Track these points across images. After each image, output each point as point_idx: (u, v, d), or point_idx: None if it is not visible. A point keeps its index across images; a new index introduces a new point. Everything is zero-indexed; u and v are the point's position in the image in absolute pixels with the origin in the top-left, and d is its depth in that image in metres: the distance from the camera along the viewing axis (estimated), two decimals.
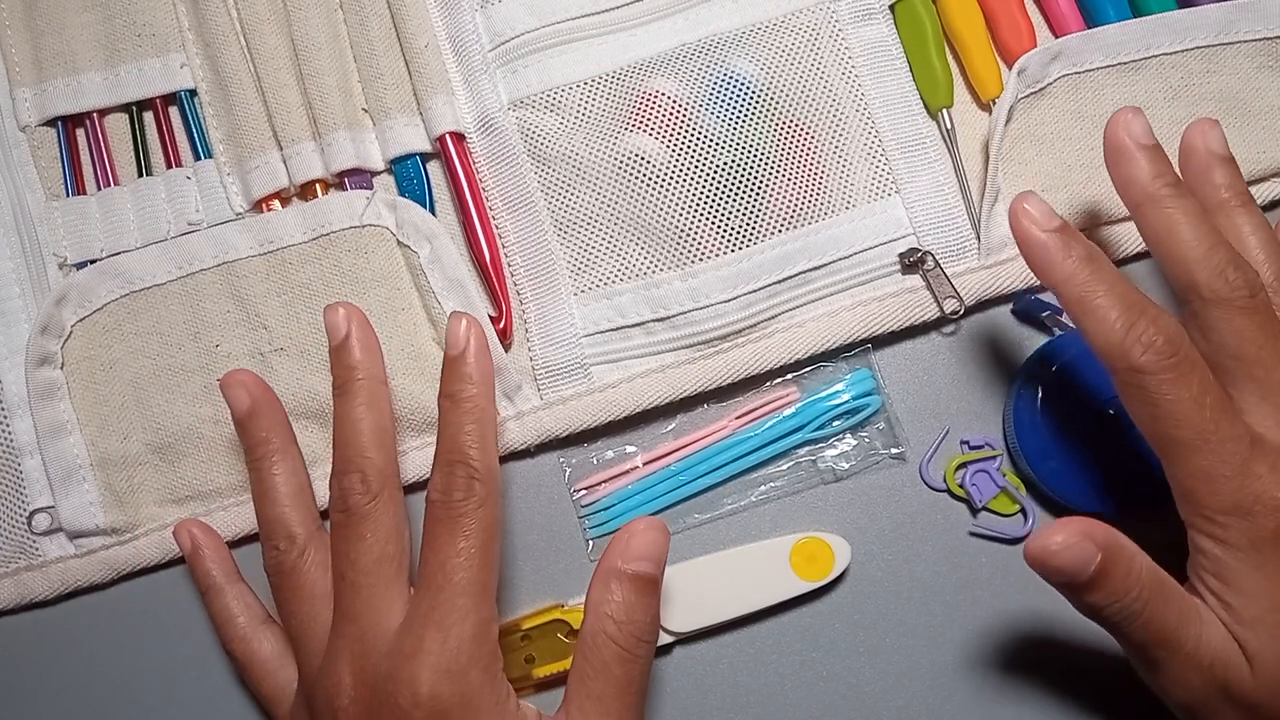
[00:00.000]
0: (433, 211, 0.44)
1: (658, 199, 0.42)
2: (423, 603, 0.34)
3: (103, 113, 0.45)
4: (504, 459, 0.43)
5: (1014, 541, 0.42)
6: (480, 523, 0.34)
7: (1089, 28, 0.44)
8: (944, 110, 0.44)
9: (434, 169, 0.45)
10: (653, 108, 0.43)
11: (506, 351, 0.43)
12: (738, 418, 0.43)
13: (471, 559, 0.34)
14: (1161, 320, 0.33)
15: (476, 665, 0.34)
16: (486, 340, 0.37)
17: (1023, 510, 0.42)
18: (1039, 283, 0.43)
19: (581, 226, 0.43)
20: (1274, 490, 0.32)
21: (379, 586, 0.35)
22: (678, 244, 0.42)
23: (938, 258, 0.42)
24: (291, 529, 0.38)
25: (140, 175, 0.45)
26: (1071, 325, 0.42)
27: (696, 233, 0.42)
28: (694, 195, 0.42)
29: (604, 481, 0.43)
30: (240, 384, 0.39)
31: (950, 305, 0.42)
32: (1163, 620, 0.33)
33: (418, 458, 0.43)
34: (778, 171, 0.42)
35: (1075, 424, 0.40)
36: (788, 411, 0.43)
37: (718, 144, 0.42)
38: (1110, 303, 0.33)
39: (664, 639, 0.41)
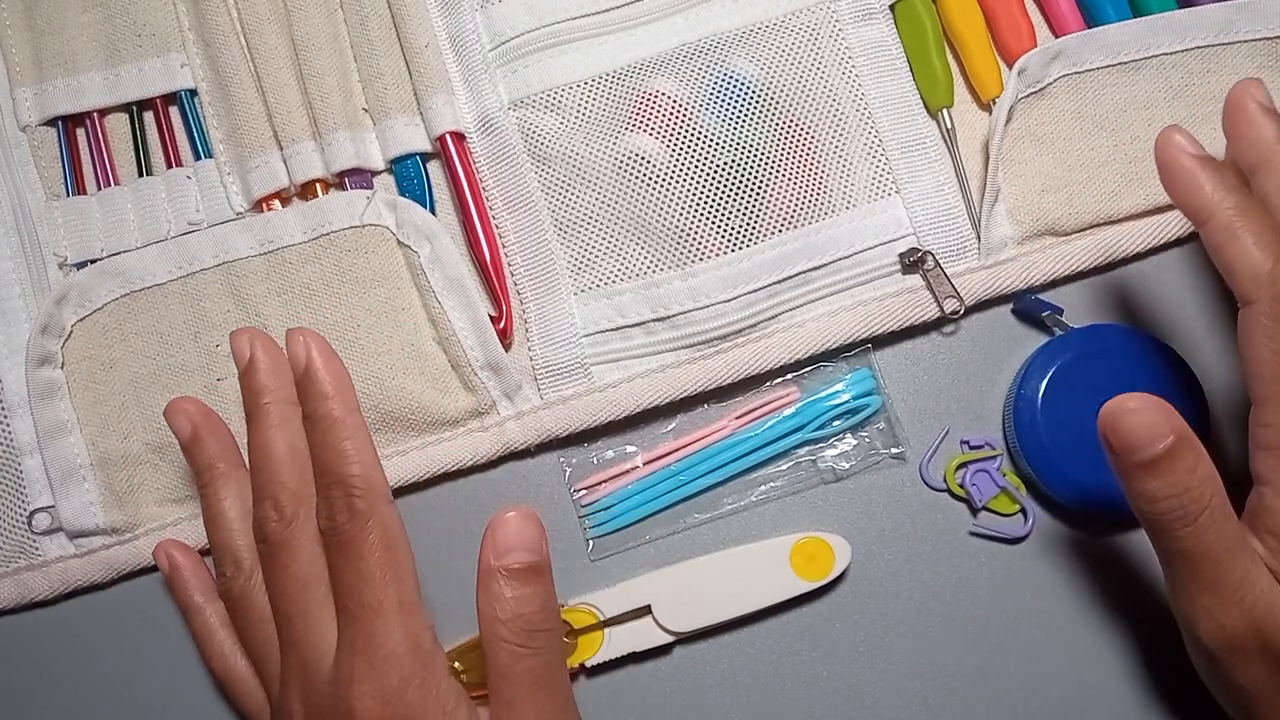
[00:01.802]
0: (433, 211, 0.44)
1: (658, 199, 0.42)
2: (345, 632, 0.33)
3: (103, 112, 0.45)
4: (504, 459, 0.43)
5: (1014, 541, 0.42)
6: (371, 539, 0.33)
7: (1089, 27, 0.44)
8: (944, 110, 0.44)
9: (434, 169, 0.45)
10: (653, 108, 0.43)
11: (507, 351, 0.43)
12: (738, 418, 0.43)
13: (373, 578, 0.33)
14: None
15: (411, 683, 0.33)
16: (327, 344, 0.36)
17: (1023, 510, 0.42)
18: (1039, 282, 0.43)
19: (581, 226, 0.43)
20: None
21: (311, 612, 0.34)
22: (678, 244, 0.42)
23: (938, 257, 0.42)
24: (239, 554, 0.37)
25: (140, 175, 0.45)
26: (1071, 325, 0.42)
27: (696, 232, 0.42)
28: (694, 195, 0.42)
29: (604, 481, 0.43)
30: (182, 411, 0.39)
31: (950, 305, 0.42)
32: (1217, 535, 0.32)
33: (418, 458, 0.43)
34: (778, 171, 0.42)
35: (1076, 424, 0.40)
36: (788, 411, 0.43)
37: (718, 144, 0.42)
38: (1258, 231, 0.32)
39: (664, 639, 0.41)
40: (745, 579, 0.41)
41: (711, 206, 0.42)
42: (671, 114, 0.43)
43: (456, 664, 0.41)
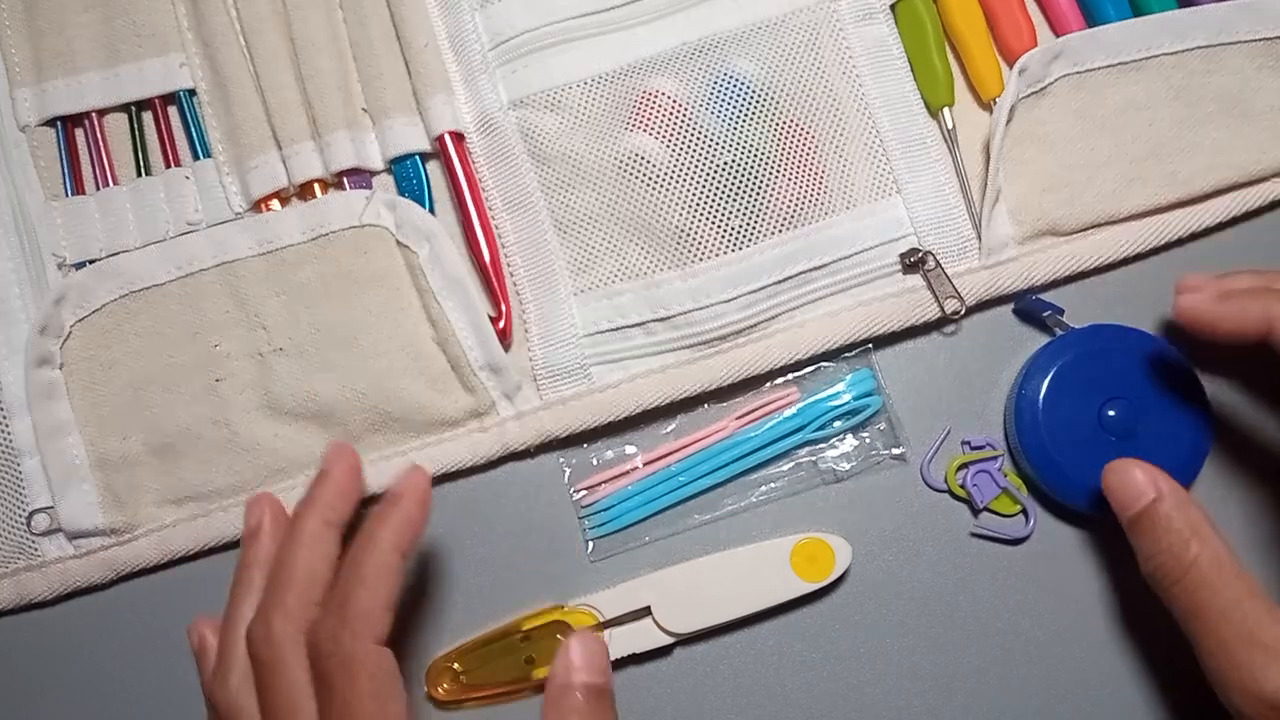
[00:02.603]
0: (432, 211, 0.44)
1: (658, 199, 0.42)
2: None
3: (102, 113, 0.45)
4: (504, 459, 0.43)
5: (1015, 542, 0.42)
6: (360, 683, 0.32)
7: (1089, 27, 0.44)
8: (945, 110, 0.44)
9: (434, 169, 0.45)
10: (653, 107, 0.43)
11: (506, 351, 0.43)
12: (738, 418, 0.43)
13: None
14: None
15: None
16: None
17: (1024, 511, 0.42)
18: (1040, 282, 0.43)
19: (581, 226, 0.43)
20: None
21: None
22: (678, 244, 0.42)
23: (938, 258, 0.42)
24: (235, 663, 0.35)
25: (139, 175, 0.45)
26: (1072, 325, 0.42)
27: (697, 233, 0.42)
28: (694, 195, 0.42)
29: (604, 482, 0.43)
30: (261, 506, 0.38)
31: (951, 305, 0.42)
32: (1211, 594, 0.32)
33: (418, 458, 0.43)
34: (778, 171, 0.42)
35: (1076, 424, 0.40)
36: (788, 412, 0.43)
37: (718, 144, 0.42)
38: None
39: (664, 640, 0.41)
40: (745, 580, 0.41)
41: (712, 206, 0.42)
42: (671, 114, 0.43)
43: (456, 665, 0.41)
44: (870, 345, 0.43)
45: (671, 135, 0.42)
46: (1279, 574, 0.41)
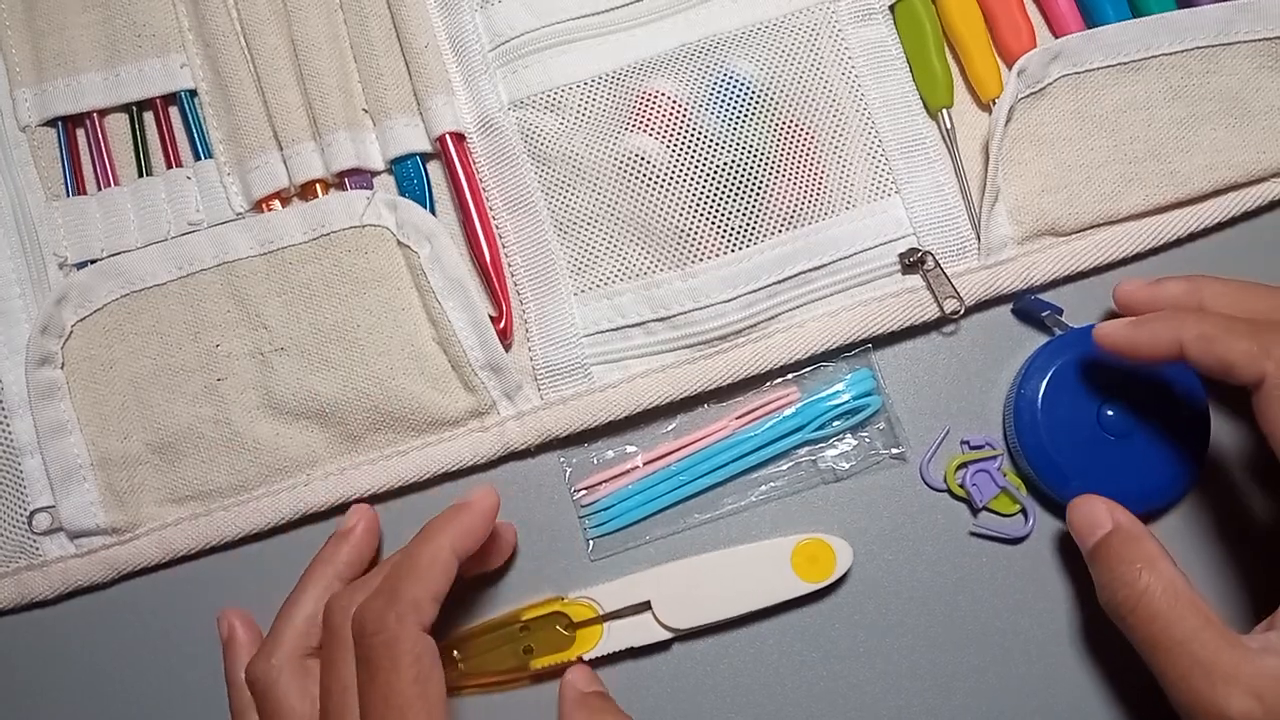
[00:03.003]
0: (433, 211, 0.44)
1: (658, 199, 0.42)
2: None
3: (103, 113, 0.45)
4: (504, 459, 0.43)
5: (1015, 541, 0.42)
6: (403, 664, 0.33)
7: (1089, 28, 0.44)
8: (944, 110, 0.44)
9: (434, 169, 0.45)
10: (653, 108, 0.43)
11: (507, 351, 0.43)
12: (738, 418, 0.43)
13: (408, 703, 0.33)
14: None
15: None
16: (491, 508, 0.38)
17: (1023, 510, 0.42)
18: (1039, 282, 0.43)
19: (581, 226, 0.43)
20: None
21: (344, 717, 0.34)
22: (678, 244, 0.42)
23: (938, 258, 0.42)
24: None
25: (140, 175, 0.45)
26: (1071, 325, 0.42)
27: (696, 233, 0.42)
28: (694, 195, 0.42)
29: (604, 481, 0.43)
30: (360, 514, 0.41)
31: (950, 305, 0.42)
32: (1163, 626, 0.32)
33: (418, 458, 0.43)
34: (778, 171, 0.42)
35: (1076, 424, 0.40)
36: (788, 411, 0.43)
37: (718, 144, 0.42)
38: (1228, 325, 0.34)
39: (662, 635, 0.41)
40: (746, 578, 0.41)
41: (711, 206, 0.42)
42: (671, 114, 0.43)
43: (455, 652, 0.41)
44: (870, 345, 0.43)
45: (671, 135, 0.42)
46: (1276, 574, 0.41)
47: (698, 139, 0.42)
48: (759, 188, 0.42)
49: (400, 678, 0.32)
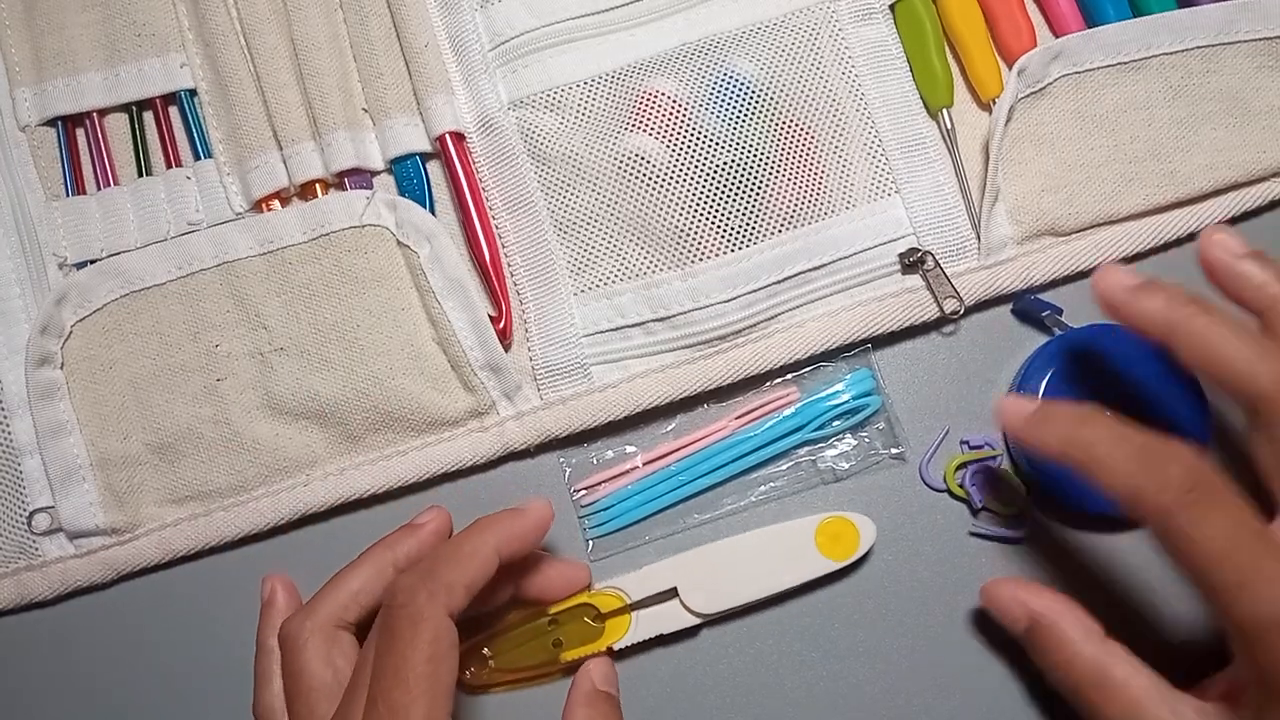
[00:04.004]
0: (433, 211, 0.44)
1: (658, 199, 0.42)
2: None
3: (103, 113, 0.45)
4: (504, 459, 0.43)
5: (1014, 541, 0.42)
6: (420, 640, 0.33)
7: (1089, 27, 0.44)
8: (944, 110, 0.44)
9: (434, 169, 0.45)
10: (653, 108, 0.43)
11: (507, 351, 0.43)
12: (738, 418, 0.43)
13: (407, 681, 0.32)
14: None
15: None
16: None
17: (1023, 510, 0.42)
18: (1039, 282, 0.43)
19: (581, 226, 0.43)
20: None
21: (356, 692, 0.34)
22: (678, 244, 0.42)
23: (938, 258, 0.42)
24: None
25: (140, 175, 0.45)
26: (1071, 325, 0.42)
27: (696, 233, 0.42)
28: (694, 195, 0.42)
29: (604, 481, 0.43)
30: (433, 513, 0.40)
31: (950, 305, 0.42)
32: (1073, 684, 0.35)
33: (418, 458, 0.43)
34: (778, 171, 0.42)
35: None
36: (788, 411, 0.43)
37: (718, 144, 0.42)
38: (1120, 452, 0.32)
39: (690, 621, 0.41)
40: (771, 560, 0.41)
41: (711, 206, 0.42)
42: (671, 114, 0.43)
43: (486, 650, 0.41)
44: (869, 345, 0.43)
45: (671, 135, 0.42)
46: None
47: (698, 139, 0.42)
48: (759, 188, 0.42)
49: (415, 653, 0.33)
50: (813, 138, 0.43)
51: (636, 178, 0.42)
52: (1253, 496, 0.41)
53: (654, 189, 0.42)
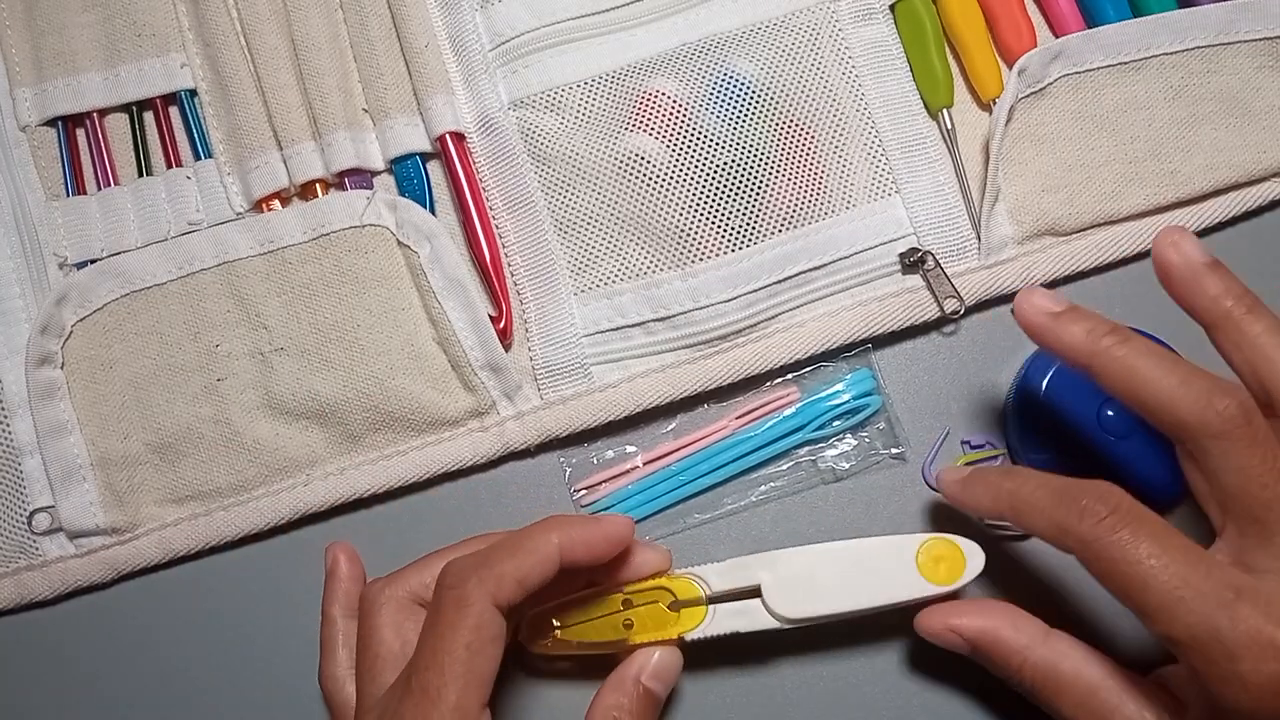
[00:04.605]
0: (433, 211, 0.44)
1: (658, 199, 0.42)
2: (401, 705, 0.33)
3: (103, 113, 0.45)
4: (504, 459, 0.43)
5: (1017, 539, 0.42)
6: (464, 625, 0.33)
7: (1089, 28, 0.44)
8: (944, 110, 0.44)
9: (434, 169, 0.45)
10: (653, 108, 0.43)
11: (507, 351, 0.43)
12: (738, 418, 0.43)
13: (442, 665, 0.32)
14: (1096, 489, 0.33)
15: None
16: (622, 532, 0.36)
17: None
18: (1040, 282, 0.43)
19: (581, 226, 0.43)
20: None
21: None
22: (678, 244, 0.42)
23: (938, 257, 0.42)
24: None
25: (140, 175, 0.45)
26: None
27: (696, 233, 0.42)
28: (694, 195, 0.42)
29: (604, 481, 0.43)
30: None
31: (950, 305, 0.42)
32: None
33: (418, 458, 0.43)
34: (778, 171, 0.42)
35: (1076, 424, 0.40)
36: (788, 411, 0.43)
37: (718, 144, 0.42)
38: (1041, 494, 0.34)
39: (771, 624, 0.38)
40: (867, 574, 0.38)
41: (711, 206, 0.42)
42: (671, 114, 0.43)
43: (554, 620, 0.39)
44: (870, 345, 0.43)
45: (671, 135, 0.42)
46: None
47: (698, 139, 0.42)
48: (759, 188, 0.42)
49: (456, 638, 0.32)
50: (813, 138, 0.43)
51: (637, 178, 0.42)
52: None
53: (654, 189, 0.42)
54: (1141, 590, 0.31)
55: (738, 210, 0.42)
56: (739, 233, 0.42)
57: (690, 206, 0.42)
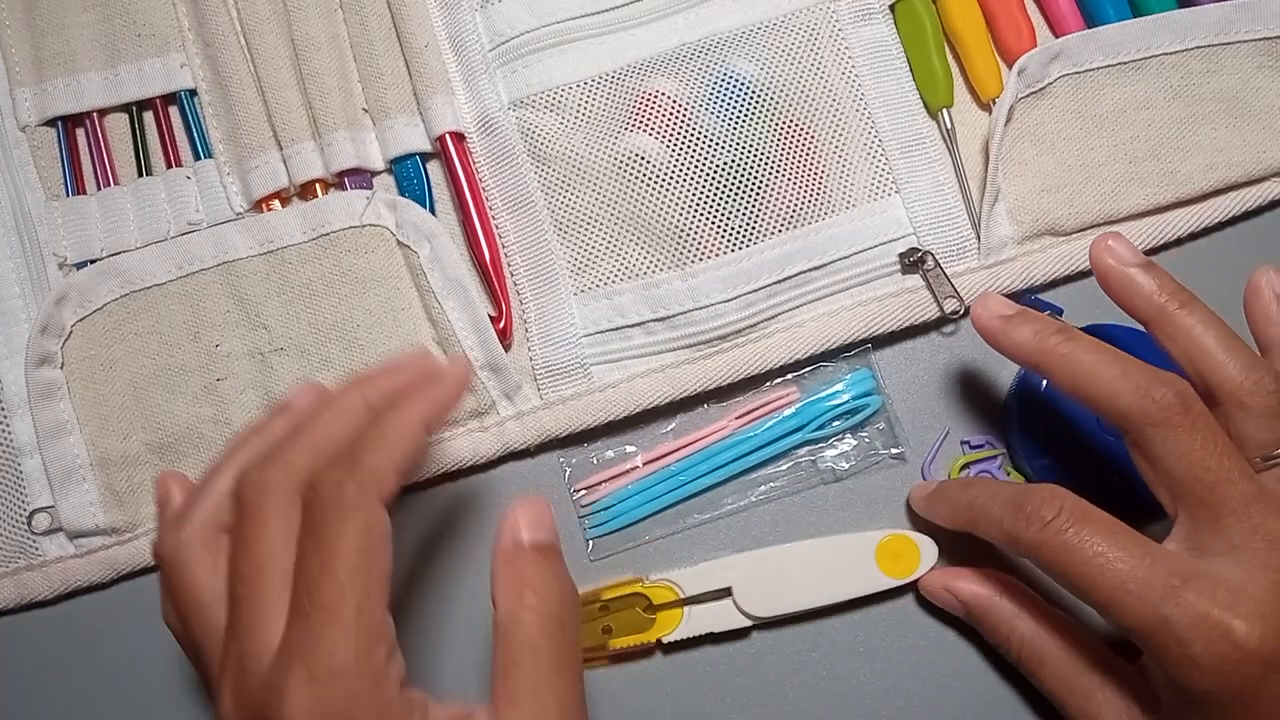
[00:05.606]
0: (433, 211, 0.44)
1: (658, 199, 0.42)
2: (291, 630, 0.29)
3: (103, 112, 0.45)
4: (504, 459, 0.43)
5: None
6: (349, 533, 0.29)
7: (1089, 27, 0.44)
8: (944, 110, 0.44)
9: (434, 169, 0.45)
10: (653, 107, 0.43)
11: (507, 351, 0.43)
12: (738, 418, 0.43)
13: (337, 576, 0.29)
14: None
15: (356, 702, 0.28)
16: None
17: None
18: (1039, 282, 0.43)
19: (581, 226, 0.43)
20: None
21: (260, 599, 0.30)
22: (678, 244, 0.42)
23: (938, 257, 0.42)
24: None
25: (140, 175, 0.45)
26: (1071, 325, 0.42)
27: (696, 232, 0.42)
28: (694, 195, 0.42)
29: (604, 481, 0.43)
30: (309, 387, 0.36)
31: (950, 305, 0.42)
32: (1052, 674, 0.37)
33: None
34: (778, 171, 0.42)
35: (1076, 423, 0.40)
36: (788, 411, 0.43)
37: (718, 144, 0.42)
38: (994, 503, 0.35)
39: (742, 622, 0.41)
40: (829, 571, 0.41)
41: (711, 206, 0.42)
42: (671, 114, 0.43)
43: (601, 609, 0.41)
44: (869, 345, 0.43)
45: (671, 135, 0.42)
46: None
47: (698, 139, 0.42)
48: (759, 187, 0.42)
49: (345, 545, 0.29)
50: (813, 138, 0.43)
51: (636, 178, 0.42)
52: None
53: (654, 189, 0.42)
54: (1091, 587, 0.32)
55: (737, 210, 0.42)
56: (739, 233, 0.42)
57: (690, 206, 0.42)
